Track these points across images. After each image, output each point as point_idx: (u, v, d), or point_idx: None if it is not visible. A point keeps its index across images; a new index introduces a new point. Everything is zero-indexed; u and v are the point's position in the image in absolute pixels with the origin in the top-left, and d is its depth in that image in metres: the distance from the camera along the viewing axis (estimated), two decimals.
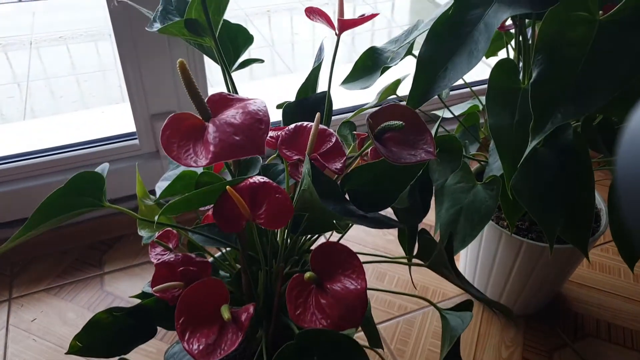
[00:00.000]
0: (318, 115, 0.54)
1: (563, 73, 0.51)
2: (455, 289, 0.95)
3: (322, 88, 0.69)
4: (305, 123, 0.55)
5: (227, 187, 0.43)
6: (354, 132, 0.73)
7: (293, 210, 0.44)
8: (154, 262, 0.60)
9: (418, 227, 0.62)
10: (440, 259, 0.52)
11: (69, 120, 1.32)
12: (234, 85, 0.61)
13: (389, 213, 0.60)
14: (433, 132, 0.62)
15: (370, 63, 0.82)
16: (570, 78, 0.51)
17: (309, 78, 0.69)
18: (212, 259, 0.67)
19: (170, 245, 0.62)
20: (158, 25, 0.54)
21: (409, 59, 0.79)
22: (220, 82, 1.88)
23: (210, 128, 0.41)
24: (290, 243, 0.62)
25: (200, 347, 0.40)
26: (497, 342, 0.86)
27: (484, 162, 0.79)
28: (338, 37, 0.61)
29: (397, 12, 2.75)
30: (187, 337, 0.40)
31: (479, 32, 0.52)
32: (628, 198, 0.23)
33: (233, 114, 0.42)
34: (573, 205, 0.58)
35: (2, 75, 2.00)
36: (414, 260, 0.59)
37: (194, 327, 0.41)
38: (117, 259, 1.02)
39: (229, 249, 0.69)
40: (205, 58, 1.02)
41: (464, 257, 0.92)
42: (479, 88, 1.32)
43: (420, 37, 0.70)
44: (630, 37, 0.51)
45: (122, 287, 0.97)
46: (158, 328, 0.58)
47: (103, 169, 0.52)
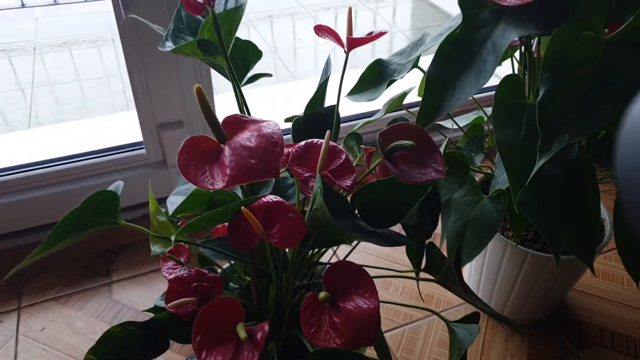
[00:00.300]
0: (328, 133, 0.55)
1: (570, 92, 0.52)
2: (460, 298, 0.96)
3: (329, 99, 0.70)
4: (316, 140, 0.56)
5: (242, 208, 0.44)
6: (361, 146, 0.74)
7: (306, 229, 0.45)
8: (166, 276, 0.61)
9: (426, 241, 0.63)
10: (450, 274, 0.53)
11: (75, 129, 1.33)
12: (245, 101, 0.62)
13: (398, 228, 0.61)
14: (441, 149, 0.63)
15: (377, 75, 0.83)
16: (577, 97, 0.52)
17: (317, 92, 0.70)
18: (220, 271, 0.68)
19: (182, 259, 0.63)
20: (171, 45, 0.55)
21: (415, 71, 0.80)
22: (222, 86, 1.89)
23: (227, 151, 0.42)
24: (300, 257, 0.63)
25: None
26: (502, 350, 0.87)
27: (490, 173, 0.80)
28: (347, 54, 0.62)
29: (398, 16, 2.76)
30: (204, 355, 0.41)
31: (487, 51, 0.53)
32: (629, 188, 0.23)
33: (248, 137, 0.42)
34: (579, 219, 0.59)
35: (6, 82, 2.01)
36: (423, 275, 0.60)
37: (211, 345, 0.42)
38: (124, 268, 1.03)
39: (237, 262, 0.70)
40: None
41: (469, 266, 0.93)
42: (481, 96, 1.33)
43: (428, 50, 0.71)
44: (636, 56, 0.52)
45: (130, 296, 0.97)
46: (170, 341, 0.59)
47: (117, 187, 0.53)
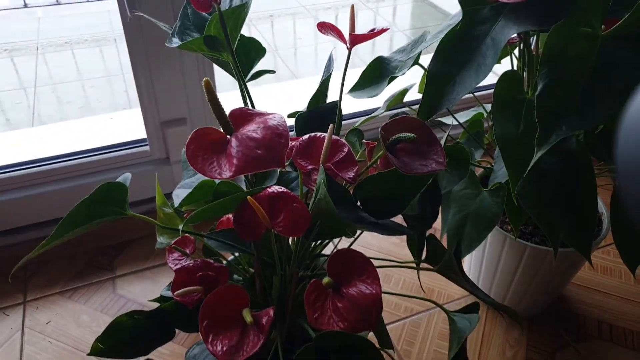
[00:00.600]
0: (331, 127, 0.56)
1: (567, 87, 0.54)
2: (461, 291, 0.98)
3: (331, 96, 0.71)
4: (319, 134, 0.58)
5: (248, 197, 0.45)
6: (363, 140, 0.75)
7: (310, 218, 0.47)
8: (172, 267, 0.62)
9: (427, 232, 0.65)
10: (450, 264, 0.54)
11: (78, 127, 1.34)
12: (250, 96, 0.63)
13: (399, 220, 0.62)
14: (442, 141, 0.64)
15: (378, 72, 0.84)
16: (574, 92, 0.53)
17: (320, 88, 0.72)
18: (225, 263, 0.69)
19: (187, 251, 0.64)
20: (177, 41, 0.56)
21: (415, 68, 0.82)
22: (225, 84, 1.90)
23: (233, 142, 0.43)
24: (303, 249, 0.64)
25: (224, 348, 0.42)
26: (501, 342, 0.88)
27: (489, 167, 0.81)
28: (349, 50, 0.64)
29: (398, 16, 2.77)
30: (210, 339, 0.43)
31: (487, 47, 0.55)
32: (628, 181, 0.24)
33: (254, 129, 0.44)
34: (576, 211, 0.60)
35: (9, 81, 2.02)
36: (423, 265, 0.62)
37: (217, 329, 0.44)
38: (128, 263, 1.05)
39: (241, 254, 0.71)
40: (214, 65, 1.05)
41: (469, 260, 0.94)
42: (482, 94, 1.34)
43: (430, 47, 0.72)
44: (632, 51, 0.54)
45: (134, 290, 0.99)
46: (176, 332, 0.61)
47: (125, 179, 0.55)
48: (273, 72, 0.74)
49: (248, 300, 0.45)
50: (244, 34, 0.66)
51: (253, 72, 0.71)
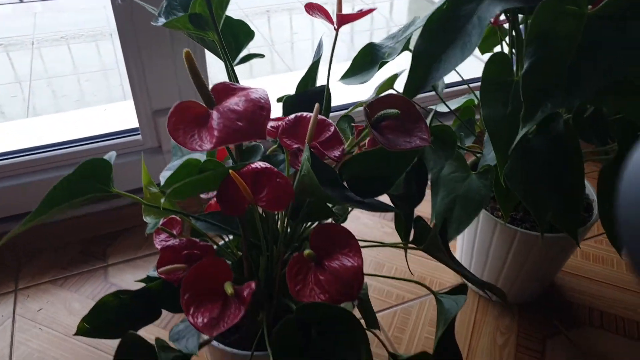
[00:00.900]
0: (317, 106, 0.56)
1: (553, 64, 0.53)
2: (452, 280, 0.97)
3: (321, 83, 0.71)
4: (305, 113, 0.58)
5: (230, 171, 0.45)
6: (352, 124, 0.75)
7: (293, 194, 0.47)
8: (158, 247, 0.62)
9: (414, 214, 0.65)
10: (435, 242, 0.54)
11: (72, 118, 1.34)
12: (237, 78, 0.63)
13: (387, 201, 0.62)
14: (428, 122, 0.64)
15: (369, 59, 0.84)
16: (560, 69, 0.53)
17: (309, 72, 0.72)
18: (216, 248, 0.69)
19: (174, 232, 0.64)
20: (163, 20, 0.56)
21: (406, 55, 0.81)
22: (221, 79, 1.89)
23: (214, 115, 0.43)
24: (290, 230, 0.64)
25: (205, 320, 0.42)
26: (492, 329, 0.88)
27: (479, 153, 0.81)
28: (336, 31, 0.64)
29: (395, 11, 2.77)
30: (192, 311, 0.43)
31: (472, 25, 0.54)
32: (630, 234, 0.24)
33: (236, 102, 0.44)
34: (563, 192, 0.60)
35: (4, 75, 2.02)
36: (414, 252, 0.62)
37: (199, 302, 0.43)
38: (120, 252, 1.05)
39: (231, 239, 0.71)
40: (207, 56, 1.05)
41: (460, 246, 0.94)
42: (477, 85, 1.34)
43: (417, 33, 0.72)
44: (617, 30, 0.54)
45: (126, 278, 0.99)
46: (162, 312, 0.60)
47: (110, 157, 0.55)
48: (262, 56, 0.74)
49: (230, 274, 0.45)
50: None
51: (242, 55, 0.71)
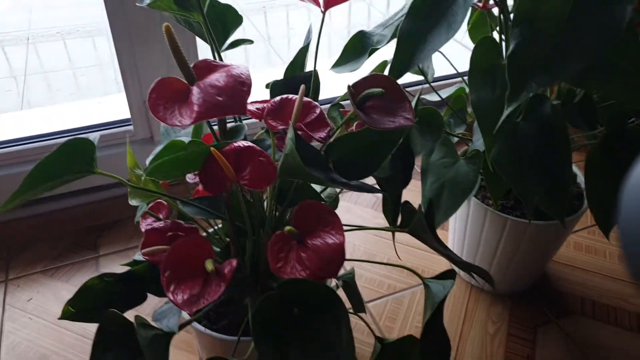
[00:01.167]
0: (303, 87, 0.55)
1: (538, 45, 0.53)
2: (442, 269, 0.97)
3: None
4: (291, 95, 0.57)
5: (212, 149, 0.45)
6: (340, 109, 0.74)
7: (276, 172, 0.46)
8: (144, 230, 0.61)
9: (401, 199, 0.64)
10: (420, 224, 0.54)
11: (65, 110, 1.33)
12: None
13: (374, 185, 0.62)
14: (413, 105, 0.64)
15: (359, 47, 0.84)
16: (545, 49, 0.53)
17: (297, 57, 0.71)
18: (205, 234, 0.69)
19: (161, 216, 0.63)
20: (147, 0, 0.56)
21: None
22: None
23: (195, 90, 0.43)
24: (277, 215, 0.64)
25: (185, 297, 0.41)
26: (484, 318, 0.88)
27: (470, 140, 0.81)
28: (323, 14, 0.63)
29: (392, 7, 2.77)
30: (172, 289, 0.42)
31: (458, 5, 0.54)
32: (630, 250, 0.24)
33: (217, 77, 0.43)
34: (550, 176, 0.60)
35: None
36: (406, 242, 0.61)
37: (179, 280, 0.43)
38: (112, 243, 1.04)
39: (220, 227, 0.71)
40: (199, 49, 1.04)
41: (452, 235, 0.94)
42: None
43: None
44: (602, 11, 0.53)
45: (117, 269, 0.98)
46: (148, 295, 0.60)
47: (95, 138, 0.54)
48: (251, 42, 0.74)
49: (211, 251, 0.45)
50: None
51: (230, 41, 0.70)
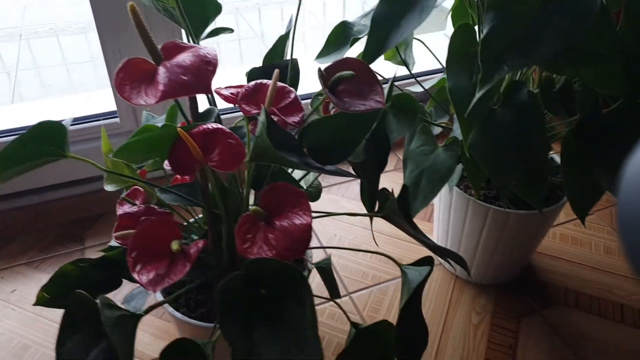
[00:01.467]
0: (276, 72, 0.55)
1: (511, 28, 0.53)
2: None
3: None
4: (265, 80, 0.57)
5: (178, 129, 0.45)
6: (319, 97, 0.74)
7: (244, 154, 0.46)
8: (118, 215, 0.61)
9: (378, 186, 0.64)
10: (393, 208, 0.54)
11: (55, 103, 1.33)
12: None
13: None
14: (386, 90, 0.64)
15: (342, 37, 0.84)
16: (518, 33, 0.53)
17: (276, 45, 0.71)
18: (186, 224, 0.68)
19: (138, 202, 0.63)
20: None
21: None
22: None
23: (161, 70, 0.43)
24: (253, 201, 0.64)
25: (150, 276, 0.41)
26: (468, 309, 0.88)
27: (451, 128, 0.81)
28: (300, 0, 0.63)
29: None
30: (138, 269, 0.42)
31: None
32: (630, 238, 0.24)
33: (183, 58, 0.43)
34: (527, 161, 0.60)
35: None
36: (390, 234, 0.61)
37: (146, 260, 0.43)
38: (97, 235, 1.04)
39: (200, 216, 0.71)
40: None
41: (437, 225, 0.94)
42: None
43: None
44: None
45: None
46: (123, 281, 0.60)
47: (67, 123, 0.54)
48: (231, 30, 0.73)
49: (179, 233, 0.45)
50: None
51: (210, 29, 0.70)
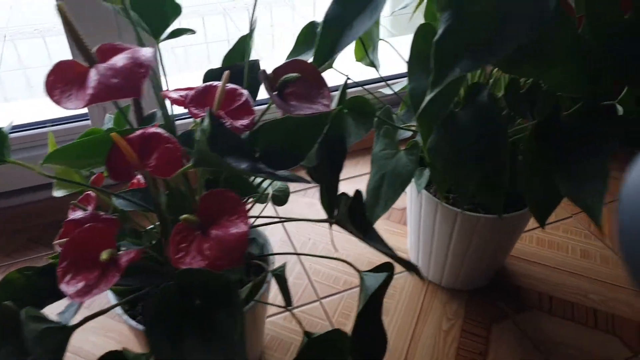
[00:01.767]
0: (226, 73, 0.54)
1: (466, 29, 0.52)
2: (399, 266, 0.96)
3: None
4: (215, 83, 0.56)
5: (112, 134, 0.43)
6: None
7: (181, 159, 0.45)
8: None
9: (337, 190, 0.63)
10: (344, 216, 0.52)
11: (40, 104, 1.31)
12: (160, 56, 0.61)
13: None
14: (338, 93, 0.63)
15: (311, 37, 0.82)
16: (472, 34, 0.51)
17: (236, 46, 0.70)
18: (144, 231, 0.67)
19: (90, 208, 0.62)
20: None
21: None
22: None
23: (92, 72, 0.41)
24: None
25: (79, 287, 0.40)
26: (439, 315, 0.86)
27: (415, 131, 0.80)
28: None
29: None
30: (67, 279, 0.41)
31: None
32: (629, 251, 0.24)
33: (116, 60, 0.42)
34: (487, 164, 0.59)
35: None
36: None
37: (77, 270, 0.42)
38: None
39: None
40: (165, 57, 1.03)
41: (410, 230, 0.93)
42: None
43: None
44: None
45: None
46: None
47: (7, 126, 0.53)
48: (193, 32, 0.72)
49: (113, 241, 0.43)
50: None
51: (169, 31, 0.69)
